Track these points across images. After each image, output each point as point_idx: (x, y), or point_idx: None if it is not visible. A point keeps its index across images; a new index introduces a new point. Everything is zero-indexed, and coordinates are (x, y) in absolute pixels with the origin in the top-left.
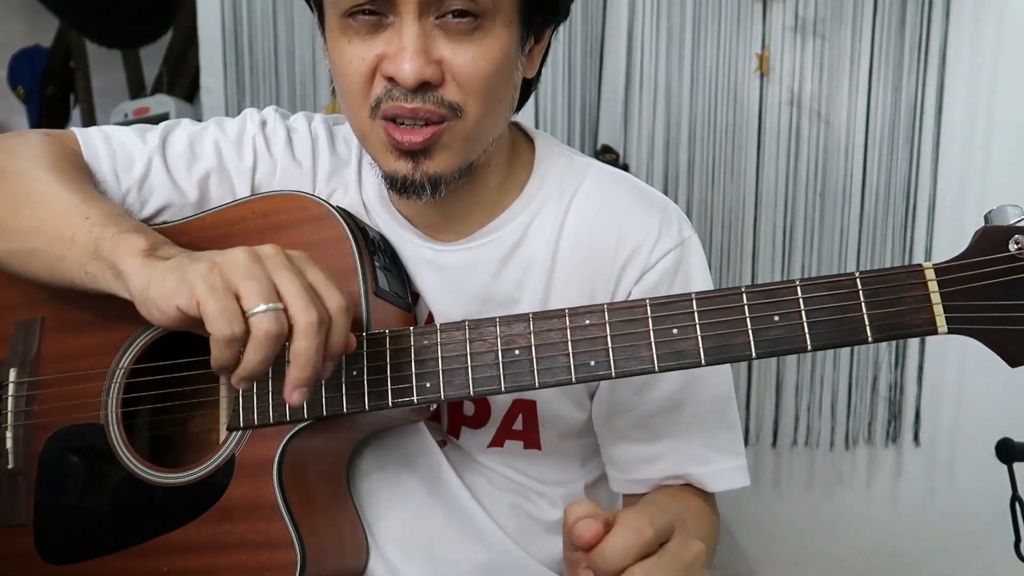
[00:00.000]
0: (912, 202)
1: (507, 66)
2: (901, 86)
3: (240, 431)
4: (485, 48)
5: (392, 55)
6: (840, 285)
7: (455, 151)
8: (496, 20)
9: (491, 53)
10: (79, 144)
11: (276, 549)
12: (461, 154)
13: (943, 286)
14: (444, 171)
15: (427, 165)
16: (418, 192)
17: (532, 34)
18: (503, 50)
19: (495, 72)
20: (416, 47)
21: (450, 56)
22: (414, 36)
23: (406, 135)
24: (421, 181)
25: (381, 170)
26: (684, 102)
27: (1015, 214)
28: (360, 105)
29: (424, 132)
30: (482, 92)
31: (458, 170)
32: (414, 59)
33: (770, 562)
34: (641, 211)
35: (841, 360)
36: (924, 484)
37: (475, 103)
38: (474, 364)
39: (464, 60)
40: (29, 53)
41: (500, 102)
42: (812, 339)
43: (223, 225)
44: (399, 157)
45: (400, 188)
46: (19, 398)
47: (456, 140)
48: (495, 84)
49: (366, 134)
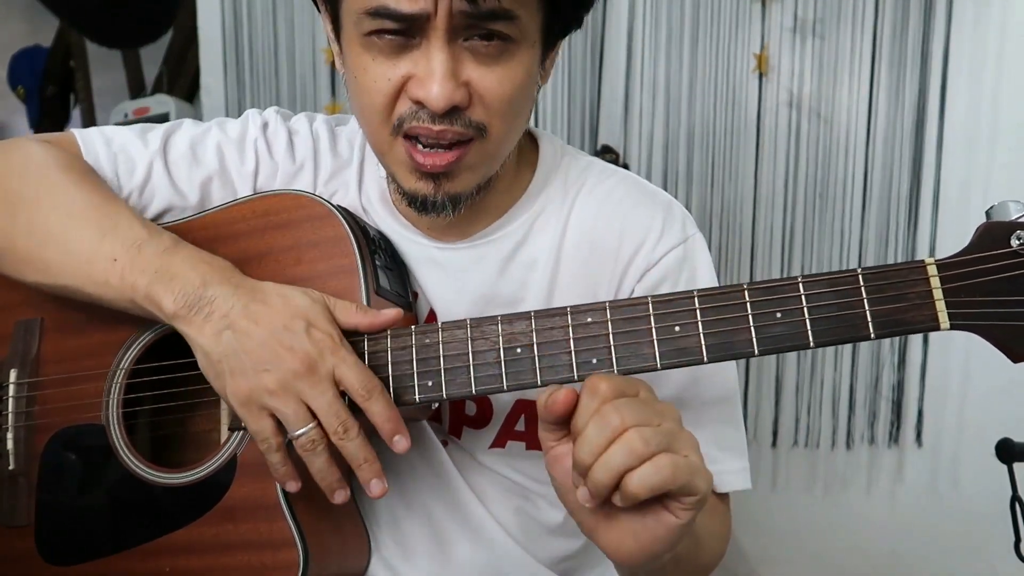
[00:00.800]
0: (915, 203)
1: (529, 85)
2: (903, 86)
3: (241, 431)
4: (512, 70)
5: (420, 78)
6: (842, 281)
7: (476, 171)
8: (522, 44)
9: (517, 75)
10: (79, 148)
11: (279, 549)
12: (482, 173)
13: (945, 282)
14: (465, 190)
15: (448, 186)
16: (438, 211)
17: (550, 47)
18: (527, 71)
19: (519, 93)
20: (445, 71)
21: (477, 78)
22: (443, 60)
23: (429, 158)
24: (443, 201)
25: (401, 187)
26: (684, 102)
27: (1016, 209)
28: (381, 123)
29: (448, 156)
30: (506, 113)
31: (477, 187)
32: (444, 84)
33: (770, 562)
34: (644, 209)
35: (842, 360)
36: (926, 485)
37: (499, 123)
38: (476, 363)
39: (491, 83)
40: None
41: (520, 119)
42: (815, 336)
43: (224, 224)
44: (420, 178)
45: (421, 207)
46: (19, 399)
47: (479, 160)
48: (519, 104)
49: (385, 151)
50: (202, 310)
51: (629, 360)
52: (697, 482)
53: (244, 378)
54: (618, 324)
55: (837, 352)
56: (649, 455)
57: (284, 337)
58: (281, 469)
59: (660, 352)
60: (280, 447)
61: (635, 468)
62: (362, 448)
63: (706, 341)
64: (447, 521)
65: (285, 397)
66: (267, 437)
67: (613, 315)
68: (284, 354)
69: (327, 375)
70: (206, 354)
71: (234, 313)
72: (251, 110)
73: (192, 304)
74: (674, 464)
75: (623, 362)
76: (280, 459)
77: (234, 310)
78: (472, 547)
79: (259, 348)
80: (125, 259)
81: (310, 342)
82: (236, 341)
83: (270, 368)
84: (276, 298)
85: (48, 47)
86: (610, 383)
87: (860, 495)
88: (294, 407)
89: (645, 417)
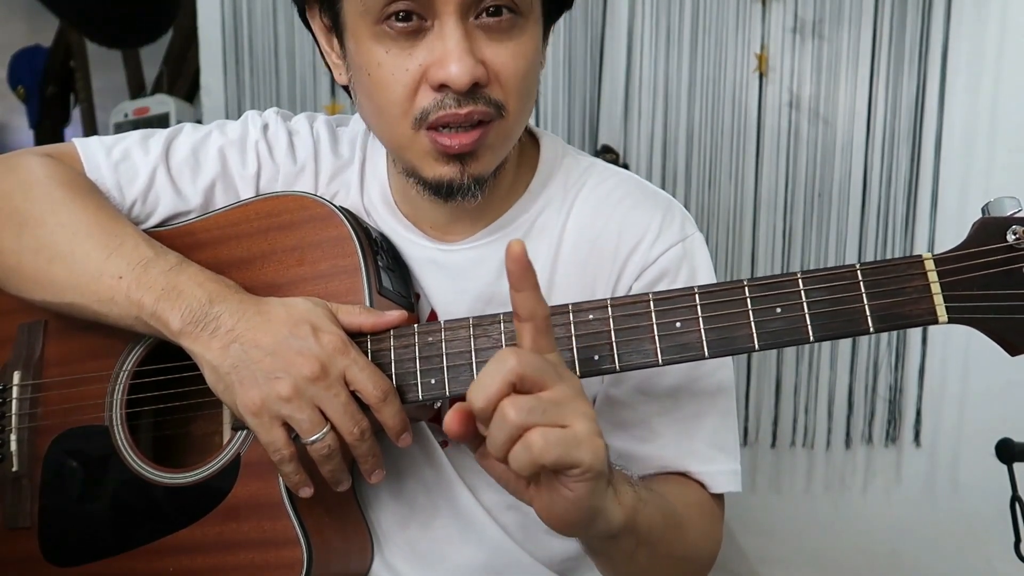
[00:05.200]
0: (913, 203)
1: (537, 61)
2: (902, 86)
3: (245, 431)
4: (522, 45)
5: (439, 60)
6: (841, 277)
7: (496, 151)
8: (529, 17)
9: (527, 50)
10: (80, 160)
11: (283, 547)
12: (500, 153)
13: (943, 276)
14: (487, 171)
15: (473, 167)
16: (465, 194)
17: (550, 25)
18: (535, 46)
19: (530, 69)
20: (464, 48)
21: (492, 56)
22: (459, 37)
23: (455, 138)
24: (469, 183)
25: (422, 178)
26: (684, 102)
27: (1012, 205)
28: (401, 116)
29: (473, 134)
30: (521, 90)
31: (495, 168)
32: (464, 60)
33: (770, 562)
34: (642, 209)
35: (840, 361)
36: (925, 484)
37: (515, 101)
38: (479, 360)
39: (505, 59)
40: (29, 53)
41: (531, 98)
42: (814, 330)
43: (227, 226)
44: (447, 162)
45: (447, 192)
46: (23, 401)
47: (498, 140)
48: (530, 81)
49: (405, 146)
50: (208, 326)
51: (631, 356)
52: (577, 454)
53: (256, 388)
54: (619, 321)
55: (836, 353)
56: (520, 429)
57: (293, 343)
58: (295, 478)
59: (661, 348)
60: (293, 457)
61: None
62: (373, 447)
63: (707, 336)
64: (448, 522)
65: (299, 403)
66: (280, 448)
67: (615, 312)
68: (295, 359)
69: (339, 377)
70: (214, 368)
71: (240, 326)
72: (250, 112)
73: (198, 320)
74: (544, 438)
75: (625, 358)
76: (294, 468)
77: (240, 323)
78: (473, 547)
79: (268, 357)
80: (131, 277)
81: (319, 346)
82: (244, 353)
83: (282, 375)
84: (279, 307)
85: (48, 47)
86: (512, 353)
87: (859, 495)
88: (309, 413)
89: (526, 386)
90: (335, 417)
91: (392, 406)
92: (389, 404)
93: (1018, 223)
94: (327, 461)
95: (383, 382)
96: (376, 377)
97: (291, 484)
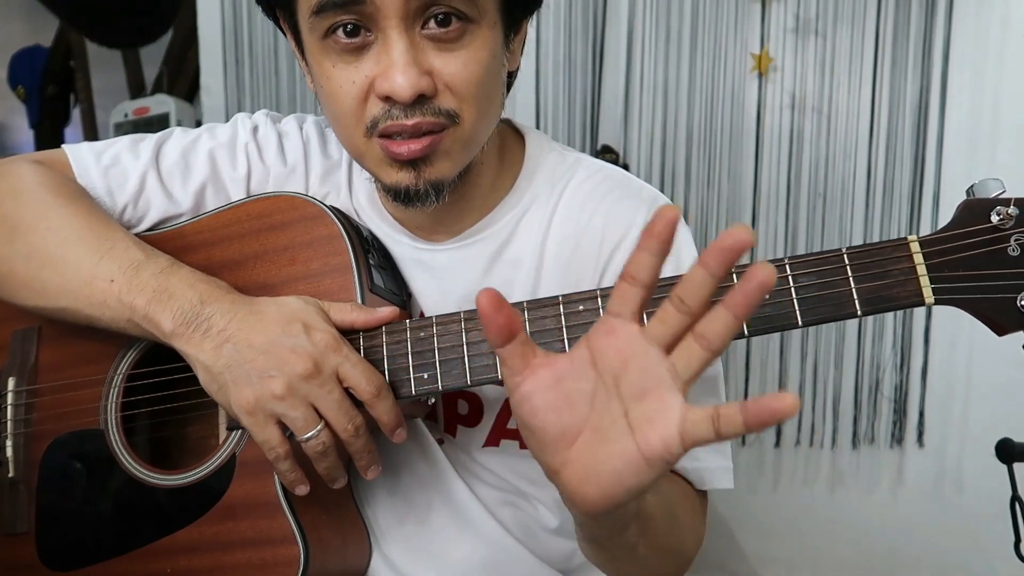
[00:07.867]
0: (916, 202)
1: (495, 67)
2: (904, 86)
3: (240, 430)
4: (474, 52)
5: (383, 72)
6: (828, 261)
7: (454, 157)
8: (482, 23)
9: (480, 56)
10: (71, 166)
11: (279, 545)
12: (460, 160)
13: (928, 258)
14: (445, 176)
15: (428, 172)
16: (423, 199)
17: (513, 29)
18: (491, 52)
19: (486, 75)
20: (406, 59)
21: (440, 65)
22: (403, 49)
23: (403, 146)
24: (425, 189)
25: (382, 184)
26: (684, 102)
27: (996, 187)
28: (354, 127)
29: (423, 141)
30: (476, 97)
31: (457, 174)
32: (407, 72)
33: (770, 562)
34: (627, 204)
35: (845, 360)
36: (928, 485)
37: (470, 108)
38: (471, 353)
39: (455, 68)
40: (29, 53)
41: (492, 103)
42: (802, 315)
43: (219, 228)
44: (400, 168)
45: (405, 198)
46: (18, 406)
47: (455, 146)
48: (487, 87)
49: (362, 153)
50: (200, 327)
51: None
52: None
53: (249, 387)
54: None
55: (839, 353)
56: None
57: (285, 341)
58: (291, 475)
59: None
60: (288, 455)
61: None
62: (368, 443)
63: None
64: (446, 519)
65: (293, 400)
66: (275, 446)
67: (604, 303)
68: (288, 357)
69: (332, 374)
70: (207, 368)
71: (232, 326)
72: (240, 114)
73: (190, 321)
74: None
75: None
76: (290, 466)
77: (232, 323)
78: (471, 544)
79: (261, 356)
80: (122, 280)
81: (311, 343)
82: (237, 352)
83: (275, 373)
84: (271, 306)
85: (48, 47)
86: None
87: (862, 495)
88: (303, 410)
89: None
90: (329, 414)
91: (386, 401)
92: (383, 399)
93: (1002, 204)
94: (322, 458)
95: (376, 378)
96: (369, 373)
97: (287, 482)
